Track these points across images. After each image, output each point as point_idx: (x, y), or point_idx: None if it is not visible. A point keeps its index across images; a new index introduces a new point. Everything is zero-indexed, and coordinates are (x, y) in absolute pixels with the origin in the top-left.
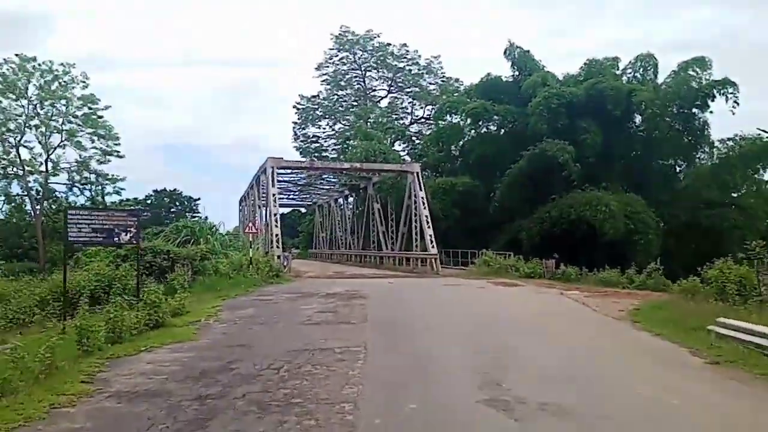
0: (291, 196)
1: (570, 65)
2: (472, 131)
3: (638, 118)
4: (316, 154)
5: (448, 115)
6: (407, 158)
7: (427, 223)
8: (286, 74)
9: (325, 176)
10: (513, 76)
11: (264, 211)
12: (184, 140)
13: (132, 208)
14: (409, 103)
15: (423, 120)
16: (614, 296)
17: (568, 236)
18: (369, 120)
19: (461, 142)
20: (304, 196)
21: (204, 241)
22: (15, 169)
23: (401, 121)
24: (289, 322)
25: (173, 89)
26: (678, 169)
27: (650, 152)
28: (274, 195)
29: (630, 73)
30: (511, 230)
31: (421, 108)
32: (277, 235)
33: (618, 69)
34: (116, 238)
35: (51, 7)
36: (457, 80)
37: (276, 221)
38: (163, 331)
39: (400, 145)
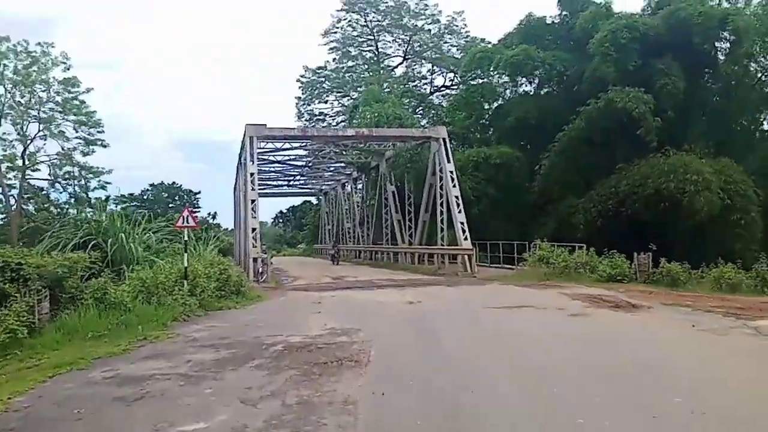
0: (293, 183)
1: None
2: (508, 91)
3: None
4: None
5: (478, 71)
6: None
7: (458, 206)
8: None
9: (331, 155)
10: (560, 15)
11: (240, 197)
12: (200, 138)
13: (125, 204)
14: (427, 70)
15: (444, 89)
16: None
17: (634, 218)
18: (383, 89)
19: (494, 104)
20: (313, 181)
21: (111, 244)
22: None
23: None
24: None
25: (184, 87)
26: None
27: (732, 103)
28: (252, 175)
29: None
30: (560, 213)
31: (442, 75)
32: (254, 229)
33: None
34: None
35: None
36: (483, 40)
37: (253, 209)
38: None
39: (420, 113)
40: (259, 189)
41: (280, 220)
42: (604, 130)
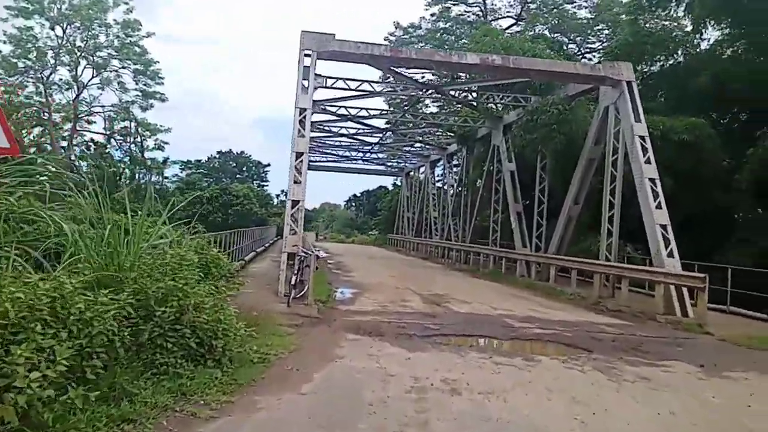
0: (368, 157)
1: None
2: (695, 39)
3: None
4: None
5: (653, 9)
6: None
7: (654, 196)
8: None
9: (423, 114)
10: None
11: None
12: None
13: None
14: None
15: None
16: None
17: None
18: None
19: (669, 61)
20: (395, 161)
21: None
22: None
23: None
24: None
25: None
26: None
27: None
28: (304, 111)
29: None
30: None
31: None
32: (296, 203)
33: None
34: None
35: None
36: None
37: (297, 169)
38: None
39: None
40: (322, 160)
41: (353, 204)
42: None
